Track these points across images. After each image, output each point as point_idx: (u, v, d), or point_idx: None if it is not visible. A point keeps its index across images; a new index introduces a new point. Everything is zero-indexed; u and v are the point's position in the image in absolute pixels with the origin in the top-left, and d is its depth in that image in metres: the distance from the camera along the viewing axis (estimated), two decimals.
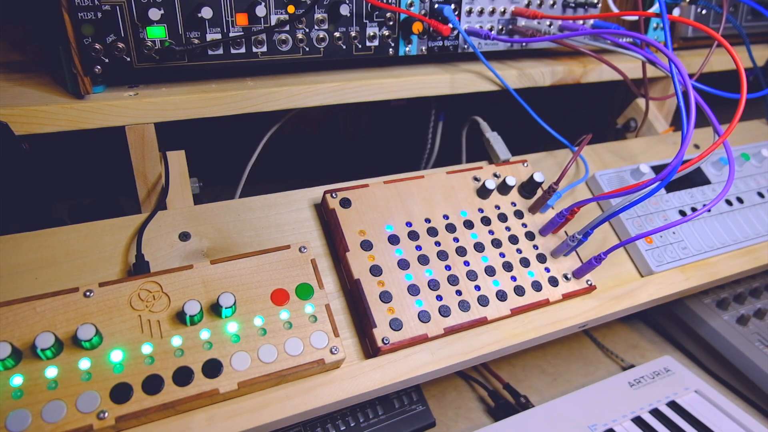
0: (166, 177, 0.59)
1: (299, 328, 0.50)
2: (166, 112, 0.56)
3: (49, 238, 0.51)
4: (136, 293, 0.47)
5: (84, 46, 0.52)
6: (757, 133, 0.91)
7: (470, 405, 0.83)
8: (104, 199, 0.82)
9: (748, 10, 0.93)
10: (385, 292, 0.54)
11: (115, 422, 0.42)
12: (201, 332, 0.47)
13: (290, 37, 0.60)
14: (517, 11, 0.71)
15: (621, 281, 0.68)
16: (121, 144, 0.57)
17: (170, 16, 0.54)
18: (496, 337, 0.57)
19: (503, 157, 0.70)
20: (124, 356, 0.45)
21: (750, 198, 0.79)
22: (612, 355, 0.93)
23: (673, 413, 0.79)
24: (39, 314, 0.45)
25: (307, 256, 0.53)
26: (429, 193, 0.62)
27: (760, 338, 0.87)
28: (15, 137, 0.51)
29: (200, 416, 0.46)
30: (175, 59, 0.56)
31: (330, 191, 0.58)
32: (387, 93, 0.66)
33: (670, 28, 0.78)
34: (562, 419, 0.76)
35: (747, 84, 0.61)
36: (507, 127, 0.77)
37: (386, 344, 0.52)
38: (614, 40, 0.72)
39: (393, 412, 0.76)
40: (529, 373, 0.89)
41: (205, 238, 0.55)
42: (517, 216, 0.64)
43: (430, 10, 0.67)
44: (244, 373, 0.46)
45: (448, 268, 0.58)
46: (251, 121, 0.66)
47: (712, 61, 0.80)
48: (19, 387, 0.42)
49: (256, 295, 0.50)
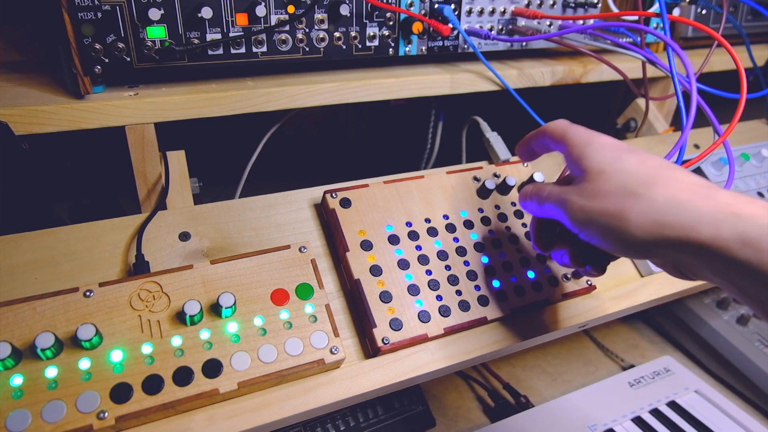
0: (166, 177, 0.59)
1: (299, 328, 0.50)
2: (166, 112, 0.56)
3: (49, 238, 0.51)
4: (136, 293, 0.47)
5: (84, 46, 0.52)
6: (757, 133, 0.91)
7: (470, 405, 0.83)
8: (104, 199, 0.82)
9: (748, 10, 0.93)
10: (385, 292, 0.54)
11: (115, 422, 0.42)
12: (201, 332, 0.47)
13: (290, 37, 0.60)
14: (517, 11, 0.71)
15: (621, 281, 0.68)
16: (121, 144, 0.57)
17: (170, 16, 0.54)
18: (496, 337, 0.57)
19: (503, 157, 0.70)
20: (124, 356, 0.45)
21: None
22: (612, 355, 0.93)
23: (673, 413, 0.79)
24: (39, 314, 0.45)
25: (307, 256, 0.53)
26: (429, 193, 0.62)
27: (760, 338, 0.87)
28: (15, 137, 0.51)
29: (200, 416, 0.46)
30: (175, 59, 0.56)
31: (330, 191, 0.58)
32: (387, 93, 0.66)
33: (670, 28, 0.78)
34: (562, 419, 0.76)
35: (747, 84, 0.61)
36: (507, 127, 0.77)
37: (386, 344, 0.52)
38: (614, 39, 0.72)
39: (393, 412, 0.76)
40: (529, 373, 0.89)
41: (205, 238, 0.55)
42: (517, 216, 0.64)
43: (430, 10, 0.67)
44: (244, 373, 0.46)
45: (448, 268, 0.58)
46: (251, 121, 0.66)
47: (712, 61, 0.80)
48: (19, 387, 0.42)
49: (256, 295, 0.50)
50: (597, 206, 0.43)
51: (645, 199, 0.41)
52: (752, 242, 0.37)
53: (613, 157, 0.45)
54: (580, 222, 0.45)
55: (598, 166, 0.45)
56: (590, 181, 0.45)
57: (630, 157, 0.44)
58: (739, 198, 0.40)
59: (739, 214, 0.38)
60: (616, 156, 0.45)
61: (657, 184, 0.42)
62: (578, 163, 0.46)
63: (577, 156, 0.47)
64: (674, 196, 0.41)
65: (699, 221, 0.39)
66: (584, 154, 0.46)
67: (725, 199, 0.40)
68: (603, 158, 0.45)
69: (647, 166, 0.43)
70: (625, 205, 0.42)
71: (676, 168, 0.44)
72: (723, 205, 0.39)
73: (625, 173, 0.43)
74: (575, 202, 0.45)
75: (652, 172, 0.43)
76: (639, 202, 0.41)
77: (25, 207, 0.78)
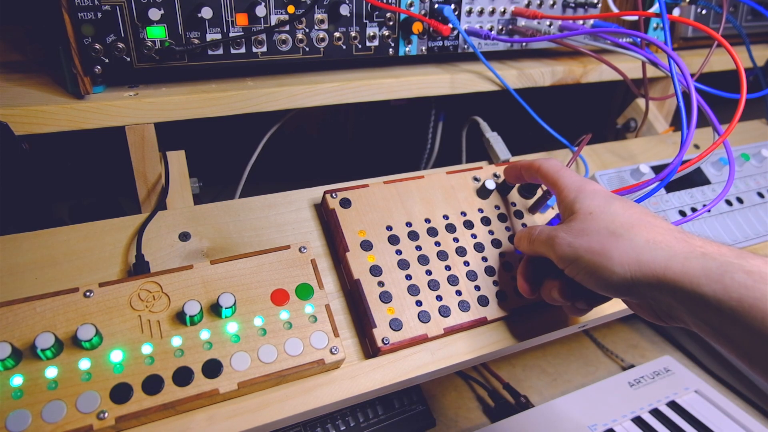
0: (166, 177, 0.59)
1: (299, 329, 0.50)
2: (166, 112, 0.56)
3: (49, 238, 0.51)
4: (136, 293, 0.47)
5: (84, 46, 0.52)
6: (757, 133, 0.91)
7: (470, 405, 0.83)
8: (104, 199, 0.82)
9: (748, 10, 0.93)
10: (385, 292, 0.54)
11: (115, 422, 0.42)
12: (201, 332, 0.47)
13: (290, 37, 0.60)
14: (517, 11, 0.71)
15: None
16: (121, 144, 0.57)
17: (170, 16, 0.54)
18: (496, 337, 0.57)
19: (503, 157, 0.70)
20: (124, 356, 0.45)
21: (750, 198, 0.79)
22: (612, 355, 0.93)
23: (673, 413, 0.79)
24: (39, 314, 0.45)
25: (307, 256, 0.53)
26: (429, 193, 0.62)
27: None
28: (15, 137, 0.51)
29: (200, 416, 0.46)
30: (175, 59, 0.56)
31: (330, 191, 0.58)
32: (387, 93, 0.66)
33: (670, 28, 0.78)
34: (562, 419, 0.76)
35: (747, 84, 0.61)
36: (507, 127, 0.77)
37: (386, 344, 0.52)
38: (614, 40, 0.72)
39: (393, 412, 0.76)
40: (529, 373, 0.89)
41: (205, 238, 0.55)
42: (517, 216, 0.64)
43: (430, 10, 0.67)
44: (244, 373, 0.46)
45: (448, 268, 0.58)
46: (251, 121, 0.66)
47: (712, 61, 0.80)
48: (19, 387, 0.42)
49: (256, 295, 0.50)
50: (583, 243, 0.47)
51: (626, 239, 0.45)
52: (718, 277, 0.41)
53: (602, 202, 0.49)
54: (566, 256, 0.48)
55: (588, 209, 0.49)
56: (579, 221, 0.49)
57: (616, 203, 0.49)
58: (710, 242, 0.44)
59: (707, 254, 0.42)
60: (605, 201, 0.49)
61: (638, 227, 0.46)
62: (571, 206, 0.51)
63: (571, 200, 0.51)
64: (652, 238, 0.45)
65: (672, 259, 0.43)
66: (577, 198, 0.51)
67: (696, 242, 0.44)
68: (593, 202, 0.50)
69: (631, 212, 0.48)
70: (608, 244, 0.46)
71: (656, 216, 0.48)
72: (694, 246, 0.44)
73: (610, 216, 0.48)
74: (564, 238, 0.49)
75: (636, 217, 0.47)
76: (621, 241, 0.45)
77: (25, 207, 0.78)
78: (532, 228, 0.54)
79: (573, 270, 0.48)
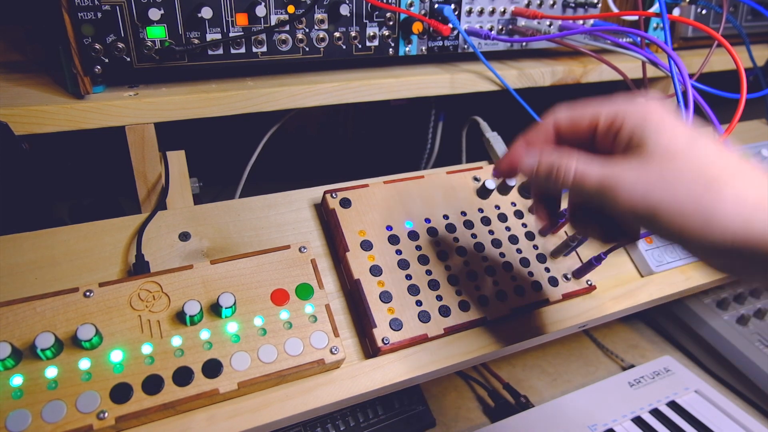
0: (166, 177, 0.59)
1: (299, 328, 0.50)
2: (166, 112, 0.56)
3: (49, 238, 0.51)
4: (136, 293, 0.47)
5: (84, 46, 0.52)
6: (757, 133, 0.91)
7: (470, 405, 0.83)
8: (104, 199, 0.82)
9: (748, 10, 0.93)
10: (385, 292, 0.54)
11: (115, 422, 0.42)
12: (201, 332, 0.47)
13: (290, 37, 0.60)
14: (517, 11, 0.71)
15: (621, 281, 0.68)
16: (121, 144, 0.57)
17: (170, 16, 0.54)
18: (496, 337, 0.57)
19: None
20: (124, 356, 0.45)
21: None
22: (612, 355, 0.93)
23: (673, 413, 0.79)
24: (39, 314, 0.45)
25: (307, 256, 0.53)
26: (429, 193, 0.62)
27: (760, 338, 0.87)
28: (15, 137, 0.51)
29: (200, 416, 0.46)
30: (175, 59, 0.56)
31: (330, 191, 0.58)
32: (387, 93, 0.66)
33: (670, 28, 0.78)
34: (562, 419, 0.76)
35: (747, 84, 0.61)
36: (507, 127, 0.77)
37: (386, 344, 0.52)
38: (614, 39, 0.72)
39: (393, 412, 0.76)
40: (529, 373, 0.89)
41: (205, 238, 0.55)
42: (517, 216, 0.64)
43: (430, 10, 0.67)
44: (244, 373, 0.46)
45: (448, 268, 0.58)
46: (251, 121, 0.66)
47: (712, 61, 0.80)
48: (19, 387, 0.42)
49: (256, 295, 0.50)
50: (666, 196, 0.35)
51: (730, 194, 0.34)
52: None
53: (687, 139, 0.36)
54: (637, 211, 0.36)
55: (666, 145, 0.36)
56: (652, 162, 0.36)
57: (707, 143, 0.36)
58: None
59: None
60: (691, 138, 0.37)
61: (741, 177, 0.35)
62: (631, 136, 0.38)
63: (631, 127, 0.38)
64: (765, 196, 0.34)
65: None
66: (645, 127, 0.37)
67: None
68: (673, 137, 0.37)
69: (728, 158, 0.36)
70: (705, 200, 0.34)
71: (758, 164, 0.37)
72: None
73: (703, 159, 0.36)
74: (633, 185, 0.36)
75: (735, 164, 0.36)
76: (723, 197, 0.34)
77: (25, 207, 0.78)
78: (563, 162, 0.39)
79: (644, 226, 0.37)
